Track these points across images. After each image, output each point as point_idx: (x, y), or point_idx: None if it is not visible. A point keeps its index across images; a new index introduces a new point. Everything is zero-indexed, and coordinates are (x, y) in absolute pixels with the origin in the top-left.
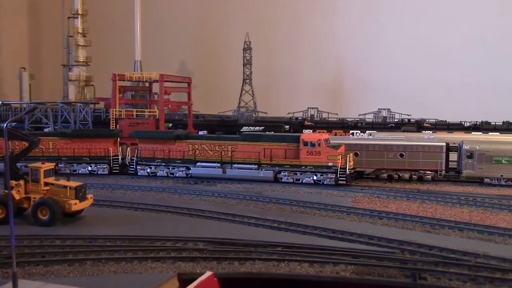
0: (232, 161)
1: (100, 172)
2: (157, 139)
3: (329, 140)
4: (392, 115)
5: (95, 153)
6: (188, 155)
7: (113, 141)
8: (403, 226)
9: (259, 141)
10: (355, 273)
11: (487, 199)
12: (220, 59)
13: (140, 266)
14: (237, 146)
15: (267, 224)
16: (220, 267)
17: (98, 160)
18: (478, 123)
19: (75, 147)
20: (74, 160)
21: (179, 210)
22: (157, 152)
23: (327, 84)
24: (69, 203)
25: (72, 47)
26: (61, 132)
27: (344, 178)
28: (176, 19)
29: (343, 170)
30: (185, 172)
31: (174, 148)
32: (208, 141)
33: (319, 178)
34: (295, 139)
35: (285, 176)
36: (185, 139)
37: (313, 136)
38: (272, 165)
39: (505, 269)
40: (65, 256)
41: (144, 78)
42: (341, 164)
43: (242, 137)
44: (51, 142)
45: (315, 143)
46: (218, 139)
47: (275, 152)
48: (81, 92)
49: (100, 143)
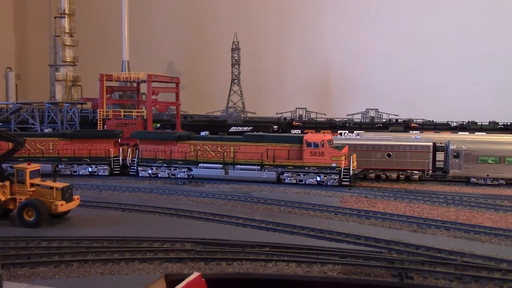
0: (235, 162)
1: (101, 173)
2: (158, 140)
3: (332, 141)
4: (379, 115)
5: (95, 154)
6: (190, 156)
7: (113, 142)
8: (390, 225)
9: (261, 142)
10: (342, 273)
11: (473, 199)
12: (209, 59)
13: (127, 267)
14: (239, 147)
15: (255, 225)
16: (207, 268)
17: (99, 161)
18: (465, 123)
19: (75, 148)
20: (74, 161)
21: (166, 211)
22: (159, 153)
23: (315, 84)
24: (55, 204)
25: (59, 47)
26: (62, 133)
27: (348, 179)
28: (164, 19)
29: (346, 170)
30: (186, 173)
31: (175, 149)
32: (210, 142)
33: (323, 179)
34: (299, 139)
35: (288, 177)
36: (187, 140)
37: (317, 137)
38: (275, 166)
39: (490, 268)
40: (51, 257)
41: (132, 78)
42: (344, 164)
43: (244, 137)
44: (51, 143)
45: (318, 144)
46: (220, 140)
47: (278, 153)
48: (68, 92)
49: (101, 144)
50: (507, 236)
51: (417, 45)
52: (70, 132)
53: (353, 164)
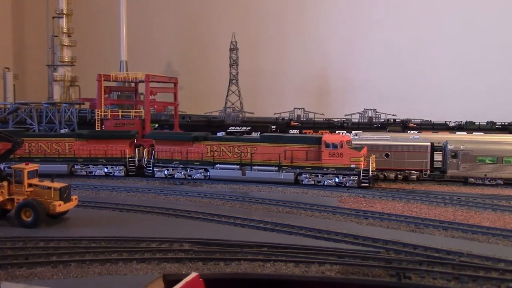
0: (252, 163)
1: (116, 174)
2: (174, 141)
3: (351, 142)
4: (377, 115)
5: (111, 154)
6: (207, 156)
7: (129, 142)
8: (388, 225)
9: (279, 143)
10: (340, 272)
11: (471, 199)
12: (207, 59)
13: (125, 267)
14: (256, 148)
15: (253, 225)
16: (205, 268)
17: (115, 162)
18: (463, 123)
19: (91, 148)
20: (90, 162)
21: (164, 211)
22: (175, 154)
23: (313, 84)
24: (53, 205)
25: (57, 47)
26: (78, 133)
27: (367, 180)
28: (162, 19)
29: (365, 172)
30: (203, 174)
31: (192, 149)
32: (227, 142)
33: (341, 180)
34: (317, 140)
35: (306, 178)
36: (203, 140)
37: (336, 138)
38: (293, 167)
39: (488, 268)
40: (49, 258)
41: (130, 79)
42: (363, 166)
43: (262, 138)
44: (67, 143)
45: (337, 145)
46: (237, 141)
47: (296, 154)
48: (66, 92)
49: (117, 144)
50: (504, 236)
51: (415, 45)
52: (86, 133)
53: (372, 165)
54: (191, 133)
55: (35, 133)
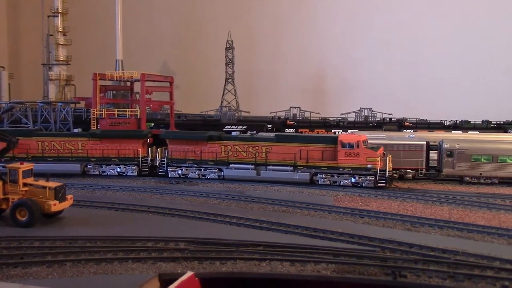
0: (267, 163)
1: (129, 174)
2: (188, 140)
3: (367, 141)
4: (373, 114)
5: (124, 154)
6: (221, 156)
7: (142, 142)
8: (384, 224)
9: (295, 142)
10: (336, 271)
11: (467, 197)
12: (203, 58)
13: (121, 266)
14: (271, 147)
15: (248, 224)
16: (201, 267)
17: (127, 162)
18: (458, 122)
19: (104, 148)
20: (103, 161)
21: (160, 210)
22: (189, 154)
23: (309, 83)
24: (48, 204)
25: (52, 46)
26: (91, 133)
27: (384, 180)
28: (158, 18)
29: (382, 172)
30: (217, 174)
31: (206, 149)
32: (241, 142)
33: (357, 180)
34: (333, 140)
35: (321, 178)
36: (217, 140)
37: (352, 137)
38: (309, 167)
39: (483, 266)
40: (44, 257)
41: (126, 78)
42: (380, 166)
43: (277, 138)
44: (80, 143)
45: (353, 145)
46: (252, 140)
47: (311, 154)
48: (62, 91)
49: (130, 144)
50: (500, 234)
51: (412, 45)
52: (99, 132)
53: (389, 165)
54: (205, 132)
55: (49, 132)
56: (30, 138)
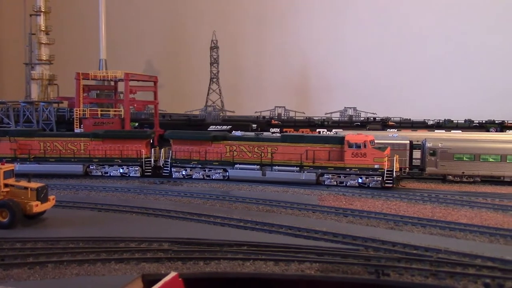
0: (272, 163)
1: (132, 175)
2: (192, 140)
3: (374, 141)
4: (358, 113)
5: (127, 155)
6: (226, 156)
7: (145, 142)
8: (368, 223)
9: (301, 143)
10: (320, 270)
11: (449, 196)
12: (187, 58)
13: (103, 268)
14: (277, 148)
15: (233, 224)
16: (185, 267)
17: (130, 162)
18: (441, 121)
19: (106, 148)
20: (105, 162)
21: (144, 211)
22: (193, 154)
23: (294, 83)
24: (30, 205)
25: (35, 45)
26: (93, 133)
27: (391, 180)
28: (142, 17)
29: (389, 172)
30: (222, 174)
31: (210, 149)
32: (246, 142)
33: (364, 180)
34: (340, 140)
35: (328, 178)
36: (222, 140)
37: (359, 138)
38: (315, 167)
39: (465, 264)
40: (25, 259)
41: (109, 77)
42: (387, 166)
43: (283, 138)
44: (82, 143)
45: (361, 145)
46: (257, 140)
47: (318, 154)
48: (44, 91)
49: (132, 144)
50: (481, 232)
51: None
52: (101, 132)
53: (396, 165)
54: (210, 132)
55: (51, 132)
56: (32, 138)
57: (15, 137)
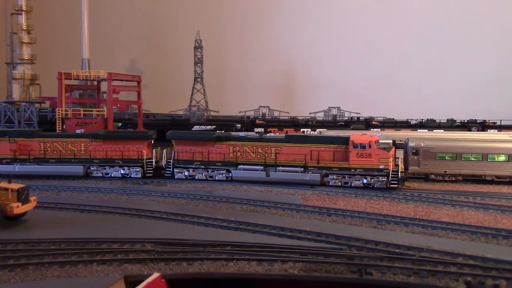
0: (276, 164)
1: (133, 176)
2: (195, 141)
3: (379, 142)
4: (341, 113)
5: (128, 155)
6: (229, 157)
7: (147, 143)
8: (351, 222)
9: (305, 143)
10: (303, 270)
11: (431, 195)
12: (171, 57)
13: (86, 269)
14: (281, 148)
15: (216, 224)
16: (168, 268)
17: (131, 163)
18: (424, 120)
19: (107, 149)
20: (106, 163)
21: (127, 211)
22: (196, 155)
23: (278, 83)
24: (10, 206)
25: (16, 45)
26: (94, 133)
27: (396, 181)
28: (125, 16)
29: (395, 172)
30: (225, 175)
31: (213, 150)
32: (250, 142)
33: (369, 181)
34: (344, 140)
35: (333, 179)
36: (225, 140)
37: (364, 138)
38: (319, 168)
39: (447, 262)
40: (6, 261)
41: (92, 77)
42: (392, 166)
43: (287, 138)
44: (83, 144)
45: (365, 145)
46: (261, 141)
47: (322, 154)
48: (26, 91)
49: (134, 145)
50: (463, 231)
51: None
52: (102, 133)
53: (401, 166)
54: (213, 132)
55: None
56: (32, 139)
57: (15, 138)
